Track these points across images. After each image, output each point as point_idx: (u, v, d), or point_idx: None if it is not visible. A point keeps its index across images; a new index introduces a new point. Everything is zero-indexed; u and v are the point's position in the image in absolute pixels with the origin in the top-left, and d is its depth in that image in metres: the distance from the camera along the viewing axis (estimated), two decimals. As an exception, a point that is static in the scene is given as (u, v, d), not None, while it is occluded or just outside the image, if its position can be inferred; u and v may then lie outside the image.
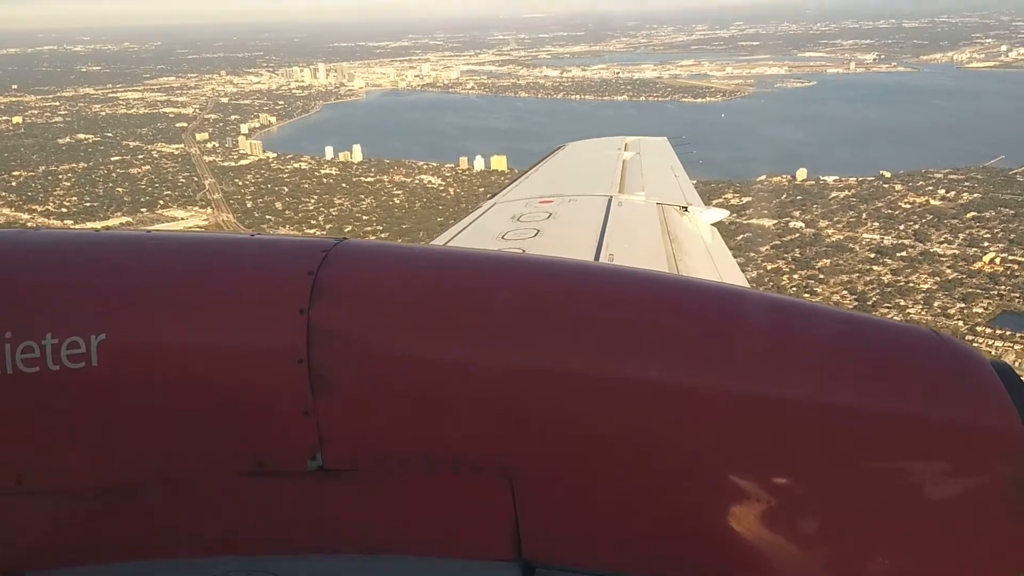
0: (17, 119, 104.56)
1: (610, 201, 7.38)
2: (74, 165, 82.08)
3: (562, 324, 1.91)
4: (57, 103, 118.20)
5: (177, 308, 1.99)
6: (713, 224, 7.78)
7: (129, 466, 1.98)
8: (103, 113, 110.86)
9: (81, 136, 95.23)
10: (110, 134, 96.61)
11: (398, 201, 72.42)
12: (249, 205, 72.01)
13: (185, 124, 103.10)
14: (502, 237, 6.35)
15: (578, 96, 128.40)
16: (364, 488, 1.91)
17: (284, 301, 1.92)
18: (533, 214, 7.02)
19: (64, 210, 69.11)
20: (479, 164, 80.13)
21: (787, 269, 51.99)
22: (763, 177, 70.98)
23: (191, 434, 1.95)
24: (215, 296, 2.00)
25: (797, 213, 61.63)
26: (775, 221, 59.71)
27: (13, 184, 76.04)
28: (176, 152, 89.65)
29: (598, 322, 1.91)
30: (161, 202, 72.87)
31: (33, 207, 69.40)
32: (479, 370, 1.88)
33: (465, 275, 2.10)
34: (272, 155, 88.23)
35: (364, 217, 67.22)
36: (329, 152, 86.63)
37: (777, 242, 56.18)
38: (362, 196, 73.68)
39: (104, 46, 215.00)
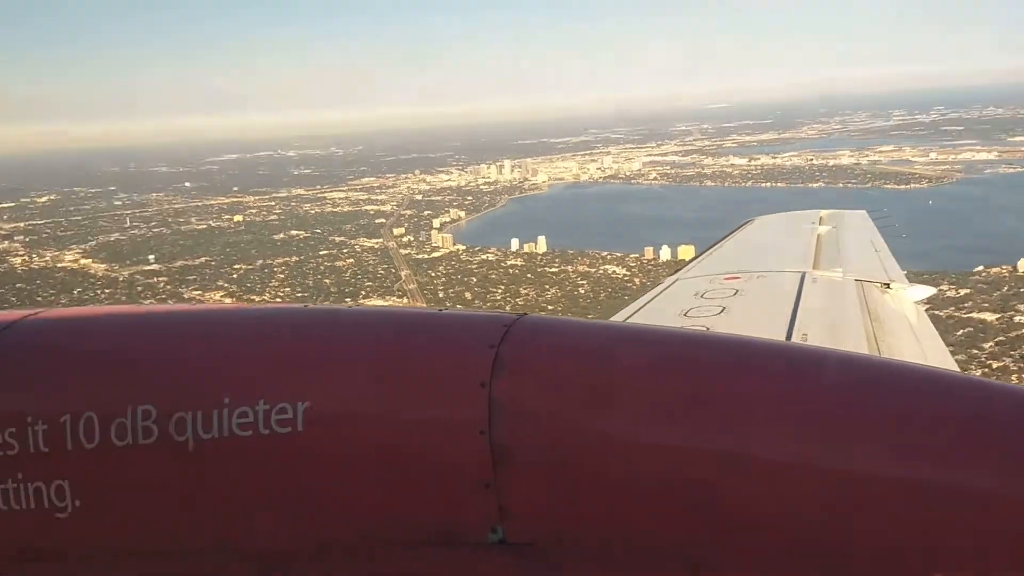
0: (238, 217, 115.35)
1: (803, 277, 7.02)
2: (287, 259, 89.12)
3: (752, 406, 1.84)
4: (272, 203, 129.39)
5: (368, 378, 2.08)
6: (919, 303, 7.29)
7: (324, 530, 2.06)
8: (313, 211, 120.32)
9: (294, 232, 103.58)
10: (319, 230, 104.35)
11: (583, 291, 72.64)
12: (441, 295, 74.73)
13: (384, 220, 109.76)
14: (684, 314, 6.13)
15: (768, 184, 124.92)
16: (543, 565, 1.88)
17: (467, 374, 1.97)
18: (718, 291, 6.76)
19: (279, 299, 74.82)
20: (665, 254, 79.16)
21: (1015, 368, 46.63)
22: (980, 268, 65.04)
23: (380, 501, 2.01)
24: (403, 368, 2.09)
25: (1023, 307, 55.59)
26: (998, 315, 54.16)
27: (234, 276, 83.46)
28: (376, 246, 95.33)
29: (792, 405, 1.83)
30: (363, 292, 77.16)
31: (252, 297, 75.59)
32: (663, 451, 1.83)
33: (648, 352, 2.05)
34: (462, 247, 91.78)
35: (550, 307, 67.76)
36: (515, 244, 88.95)
37: (1002, 338, 50.76)
38: (547, 286, 74.60)
39: (313, 151, 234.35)
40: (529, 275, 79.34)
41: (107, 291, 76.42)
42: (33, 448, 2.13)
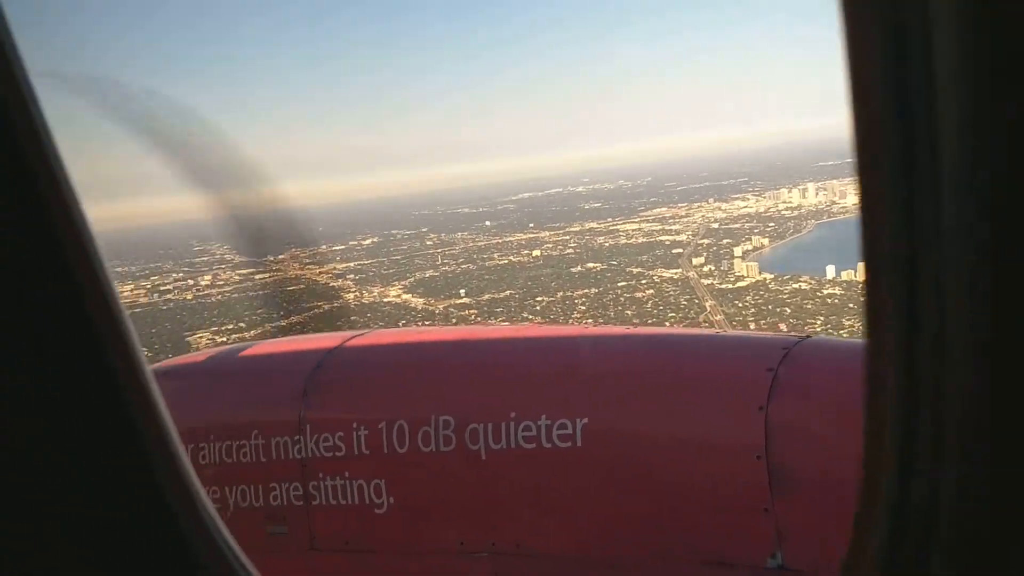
0: (536, 252, 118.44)
1: None
2: (586, 291, 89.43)
3: None
4: (567, 237, 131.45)
5: (646, 399, 2.19)
6: None
7: (603, 540, 2.16)
8: (606, 244, 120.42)
9: (590, 264, 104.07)
10: (615, 262, 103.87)
11: (922, 322, 63.93)
12: (752, 326, 69.81)
13: (680, 250, 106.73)
14: None
15: None
16: None
17: (743, 397, 2.00)
18: None
19: (582, 331, 74.51)
20: None
21: None
22: None
23: (655, 519, 2.09)
24: (680, 389, 2.18)
25: None
26: None
27: (537, 308, 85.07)
28: (675, 276, 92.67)
29: None
30: (667, 323, 74.41)
31: (556, 328, 76.10)
32: None
33: None
34: (769, 276, 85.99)
35: (882, 340, 60.32)
36: (831, 271, 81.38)
37: None
38: (876, 317, 66.82)
39: (601, 185, 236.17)
40: (851, 304, 71.74)
41: (427, 323, 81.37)
42: (357, 450, 2.36)
